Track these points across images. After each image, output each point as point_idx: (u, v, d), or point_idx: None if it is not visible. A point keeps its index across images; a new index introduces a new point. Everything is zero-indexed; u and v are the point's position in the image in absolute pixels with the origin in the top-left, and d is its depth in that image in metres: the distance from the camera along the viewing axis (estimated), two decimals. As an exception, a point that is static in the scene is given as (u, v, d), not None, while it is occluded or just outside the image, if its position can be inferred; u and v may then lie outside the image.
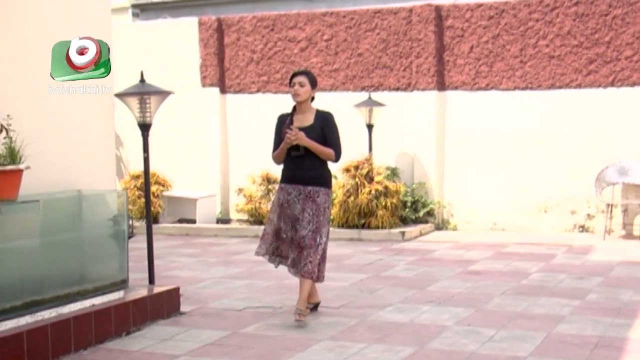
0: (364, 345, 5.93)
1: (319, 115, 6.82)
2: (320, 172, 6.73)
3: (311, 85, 6.79)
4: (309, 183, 6.65)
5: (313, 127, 6.70)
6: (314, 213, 6.58)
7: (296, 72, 6.88)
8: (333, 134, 6.78)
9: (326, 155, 6.73)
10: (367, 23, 12.80)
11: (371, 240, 11.44)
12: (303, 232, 6.55)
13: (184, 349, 5.88)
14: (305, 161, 6.66)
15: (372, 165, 11.87)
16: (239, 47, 13.51)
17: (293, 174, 6.71)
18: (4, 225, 5.65)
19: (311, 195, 6.61)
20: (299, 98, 6.74)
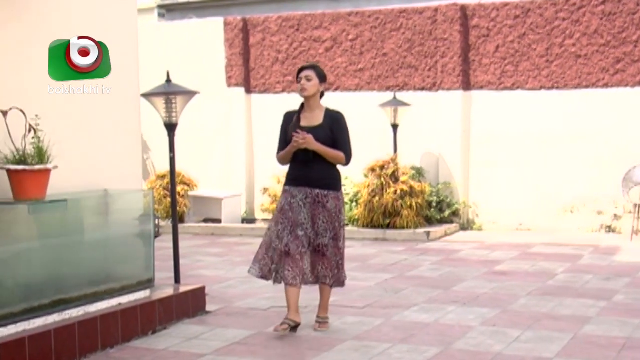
0: (389, 345, 5.93)
1: (328, 114, 6.35)
2: (328, 174, 6.30)
3: (320, 79, 6.31)
4: (316, 186, 6.21)
5: (322, 127, 6.26)
6: (327, 220, 6.19)
7: (303, 66, 6.43)
8: (344, 135, 6.34)
9: (336, 159, 6.31)
10: (392, 23, 12.79)
11: (396, 240, 11.42)
12: (323, 240, 6.21)
13: (210, 348, 5.91)
14: (313, 162, 6.23)
15: (397, 165, 11.86)
16: (264, 47, 13.54)
17: (299, 176, 6.28)
18: (32, 225, 5.71)
19: (320, 200, 6.19)
20: (306, 93, 6.28)
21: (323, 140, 6.20)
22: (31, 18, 5.86)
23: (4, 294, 5.47)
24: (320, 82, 6.30)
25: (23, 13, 5.80)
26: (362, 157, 12.22)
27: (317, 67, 6.37)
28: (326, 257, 6.23)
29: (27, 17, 5.83)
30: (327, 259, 6.23)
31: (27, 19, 5.83)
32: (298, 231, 6.15)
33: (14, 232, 5.66)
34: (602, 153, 11.74)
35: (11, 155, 5.33)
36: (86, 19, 6.37)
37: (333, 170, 6.34)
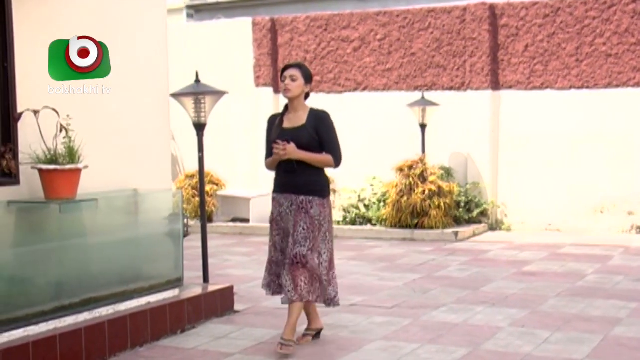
0: (418, 345, 5.92)
1: (312, 114, 5.92)
2: (314, 180, 5.82)
3: (305, 79, 5.89)
4: (301, 192, 5.76)
5: (305, 127, 5.83)
6: (308, 227, 5.70)
7: (288, 64, 6.01)
8: (330, 136, 5.90)
9: (324, 163, 5.86)
10: (420, 22, 12.75)
11: (424, 241, 11.39)
12: (301, 249, 5.66)
13: (238, 347, 5.93)
14: (298, 167, 5.78)
15: (425, 165, 11.83)
16: (292, 47, 13.56)
17: (285, 182, 5.85)
18: (63, 224, 5.76)
19: (304, 206, 5.74)
20: (289, 94, 5.85)
21: (307, 141, 5.78)
22: (63, 18, 5.92)
23: (35, 292, 5.53)
24: (305, 83, 5.91)
25: (56, 13, 5.85)
26: (390, 157, 12.23)
27: (303, 66, 6.00)
28: (306, 269, 5.69)
29: (60, 18, 5.89)
30: (308, 270, 5.70)
31: (60, 19, 5.89)
32: (285, 241, 5.87)
33: (45, 231, 5.72)
34: (633, 153, 11.63)
35: (43, 155, 5.38)
36: (116, 20, 6.42)
37: (320, 175, 5.89)
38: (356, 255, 10.26)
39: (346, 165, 13.04)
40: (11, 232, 5.54)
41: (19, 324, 5.26)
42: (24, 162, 5.43)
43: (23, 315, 5.32)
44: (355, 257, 10.06)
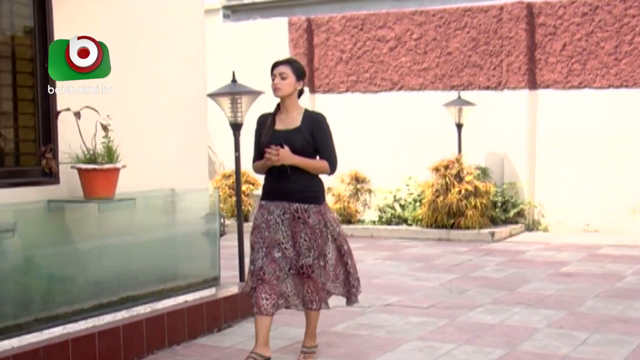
0: (454, 346, 5.90)
1: (307, 116, 5.46)
2: (309, 186, 5.40)
3: (296, 76, 5.43)
4: (295, 199, 5.35)
5: (300, 130, 5.38)
6: (310, 237, 5.34)
7: (277, 61, 5.54)
8: (326, 140, 5.45)
9: (319, 169, 5.45)
10: (456, 21, 12.71)
11: (460, 241, 11.35)
12: (306, 260, 5.35)
13: (274, 346, 5.94)
14: (291, 172, 5.35)
15: (461, 164, 11.78)
16: (328, 47, 13.57)
17: (276, 188, 5.42)
18: (101, 223, 5.82)
19: (300, 215, 5.33)
20: (279, 93, 5.41)
21: (301, 145, 5.34)
22: (102, 19, 5.98)
23: (74, 291, 5.60)
24: (297, 80, 5.44)
25: (95, 14, 5.91)
26: (426, 157, 12.20)
27: (294, 62, 5.53)
28: (312, 279, 5.39)
29: (99, 19, 5.95)
30: (313, 280, 5.39)
31: (99, 21, 5.95)
32: (274, 252, 5.36)
33: (84, 229, 5.79)
34: (673, 153, 11.49)
35: (82, 155, 5.44)
36: (154, 21, 6.48)
37: (314, 181, 5.46)
38: (392, 255, 10.25)
39: (382, 165, 13.11)
40: (51, 230, 5.61)
41: (59, 321, 5.32)
42: (64, 161, 5.49)
43: (63, 313, 5.38)
44: (391, 257, 10.05)
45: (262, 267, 5.32)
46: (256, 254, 5.37)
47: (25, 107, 5.53)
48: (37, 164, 5.50)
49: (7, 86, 5.45)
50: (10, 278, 5.19)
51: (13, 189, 5.32)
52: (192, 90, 6.87)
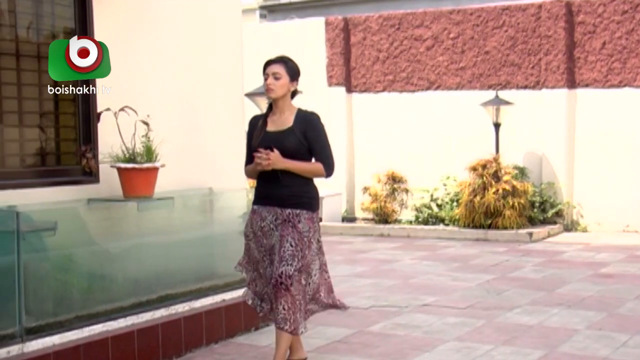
0: (491, 346, 5.86)
1: (300, 116, 5.18)
2: (301, 190, 5.09)
3: (290, 76, 5.17)
4: (287, 204, 5.03)
5: (292, 130, 5.08)
6: (296, 243, 4.95)
7: (270, 59, 5.21)
8: (320, 140, 5.15)
9: (314, 172, 5.13)
10: (494, 20, 12.63)
11: (497, 241, 11.28)
12: (287, 268, 4.89)
13: (311, 345, 5.96)
14: (284, 176, 5.05)
15: (499, 164, 11.71)
16: (365, 46, 13.56)
17: (268, 194, 5.10)
18: (140, 222, 5.87)
19: (290, 219, 5.01)
20: (272, 94, 5.11)
21: (294, 147, 5.04)
22: (141, 19, 6.03)
23: (114, 289, 5.65)
24: (291, 80, 5.17)
25: (134, 14, 5.96)
26: (463, 157, 12.14)
27: (288, 61, 5.21)
28: (290, 294, 4.90)
29: (138, 18, 6.00)
30: (291, 296, 4.91)
31: (138, 20, 6.00)
32: (266, 259, 5.17)
33: (123, 228, 5.84)
34: None
35: (121, 154, 5.49)
36: (192, 21, 6.51)
37: (309, 186, 5.15)
38: (429, 255, 10.22)
39: (418, 164, 13.06)
40: (91, 229, 5.67)
41: (99, 319, 5.37)
42: (104, 161, 5.54)
43: (102, 310, 5.43)
44: (427, 257, 10.01)
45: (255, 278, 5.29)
46: (262, 262, 5.16)
47: (66, 107, 5.59)
48: (78, 164, 5.56)
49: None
50: (51, 276, 5.26)
51: (54, 188, 5.39)
52: (230, 90, 6.90)
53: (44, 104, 5.49)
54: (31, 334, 4.94)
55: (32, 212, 5.08)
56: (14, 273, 4.87)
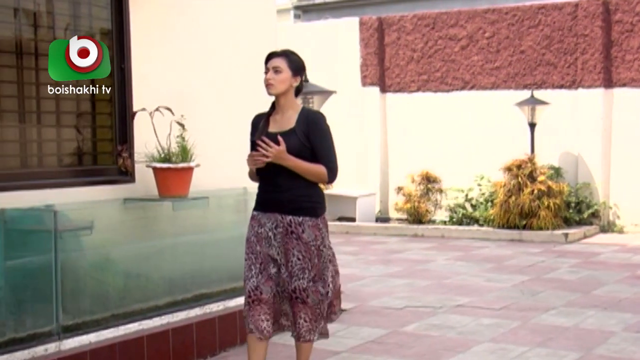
0: (526, 348, 5.82)
1: (303, 115, 4.72)
2: (304, 194, 4.65)
3: (293, 71, 4.69)
4: (288, 210, 4.61)
5: (294, 132, 4.64)
6: (304, 255, 4.59)
7: (272, 52, 4.79)
8: (324, 142, 4.74)
9: (316, 175, 4.66)
10: (530, 19, 12.54)
11: (532, 242, 11.20)
12: (300, 283, 4.59)
13: (345, 345, 5.96)
14: (285, 179, 4.63)
15: (534, 164, 11.63)
16: (399, 46, 13.53)
17: (268, 198, 4.69)
18: (176, 221, 5.91)
19: (293, 229, 4.59)
20: (272, 90, 4.68)
21: (296, 149, 4.61)
22: (177, 19, 6.07)
23: (149, 287, 5.70)
24: (293, 75, 4.70)
25: (170, 14, 6.00)
26: (498, 157, 12.07)
27: (291, 54, 4.76)
28: (307, 306, 4.62)
29: (173, 18, 6.04)
30: (309, 308, 4.63)
31: (173, 20, 6.04)
32: (270, 269, 4.65)
33: (158, 227, 5.89)
34: None
35: (157, 154, 5.53)
36: (228, 21, 6.54)
37: (312, 190, 4.71)
38: (463, 255, 10.17)
39: (453, 164, 13.01)
40: (127, 228, 5.71)
41: (134, 317, 5.42)
42: (139, 160, 5.59)
43: (138, 309, 5.48)
44: (462, 258, 9.97)
45: (257, 285, 4.61)
46: (248, 272, 4.66)
47: (103, 107, 5.65)
48: (114, 163, 5.62)
49: (86, 87, 5.57)
50: (88, 274, 5.31)
51: (90, 188, 5.45)
52: (264, 90, 6.91)
53: (80, 104, 5.55)
54: (68, 332, 5.00)
55: (69, 211, 5.14)
56: (51, 272, 4.93)
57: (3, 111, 5.12)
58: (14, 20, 5.20)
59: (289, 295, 4.63)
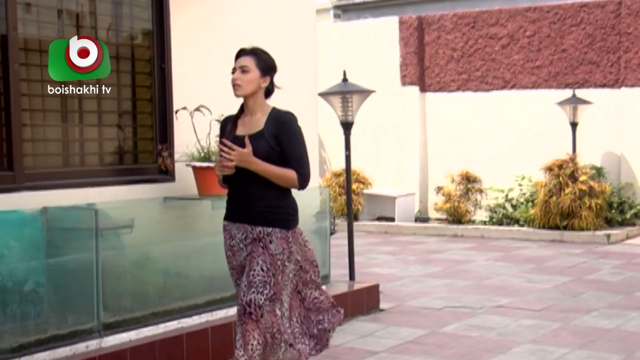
0: (567, 350, 5.76)
1: (273, 116, 4.35)
2: (274, 205, 4.28)
3: (261, 71, 4.36)
4: (258, 221, 4.26)
5: (262, 134, 4.27)
6: (268, 268, 4.19)
7: (241, 50, 4.44)
8: (295, 145, 4.30)
9: (284, 180, 4.26)
10: (572, 18, 12.40)
11: (574, 242, 11.08)
12: (257, 297, 4.14)
13: (384, 345, 5.95)
14: (254, 187, 4.27)
15: (576, 164, 11.51)
16: (439, 45, 13.47)
17: (238, 208, 4.34)
18: (215, 220, 5.92)
19: (262, 238, 4.24)
20: (239, 91, 4.33)
21: (265, 152, 4.23)
22: (217, 19, 6.10)
23: (189, 286, 5.73)
24: (262, 75, 4.37)
25: (210, 14, 6.04)
26: (539, 157, 11.96)
27: (261, 53, 4.43)
28: (259, 326, 4.15)
29: (213, 19, 6.07)
30: (261, 329, 4.17)
31: (213, 21, 6.07)
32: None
33: (198, 226, 5.91)
34: None
35: (197, 153, 5.57)
36: (268, 20, 6.56)
37: (285, 200, 4.35)
38: (503, 256, 10.09)
39: (493, 164, 12.92)
40: (166, 227, 5.75)
41: (174, 316, 5.46)
42: (179, 160, 5.63)
43: (177, 307, 5.52)
44: (502, 258, 9.90)
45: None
46: (237, 288, 4.38)
47: (144, 106, 5.70)
48: (154, 162, 5.66)
49: (127, 86, 5.63)
50: (128, 272, 5.36)
51: (131, 186, 5.50)
52: (304, 89, 6.93)
53: (122, 104, 5.60)
54: (108, 330, 5.05)
55: (110, 210, 5.19)
56: (92, 269, 4.99)
57: (46, 111, 5.19)
58: (58, 21, 5.27)
59: (242, 307, 4.14)
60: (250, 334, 4.13)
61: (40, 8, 5.16)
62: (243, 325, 4.14)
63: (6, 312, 4.66)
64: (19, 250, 4.75)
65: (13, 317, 4.69)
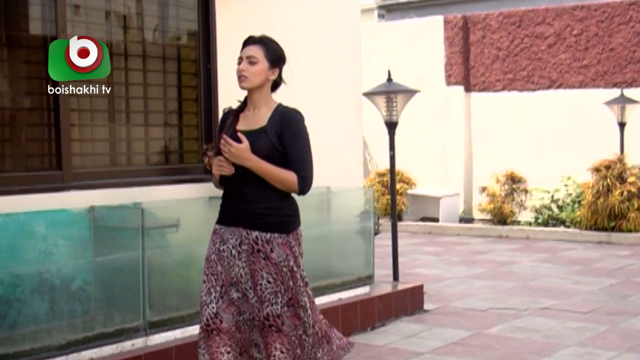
0: (615, 353, 5.68)
1: (277, 113, 4.04)
2: (273, 207, 3.94)
3: (270, 62, 4.04)
4: (254, 225, 3.92)
5: (265, 131, 3.95)
6: (274, 278, 3.89)
7: (248, 39, 4.07)
8: (298, 145, 3.99)
9: (283, 182, 3.92)
10: (620, 16, 12.24)
11: (622, 244, 10.93)
12: (273, 308, 3.88)
13: (428, 346, 5.92)
14: (251, 187, 3.94)
15: (624, 165, 11.35)
16: (484, 44, 13.38)
17: (231, 210, 4.01)
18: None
19: (260, 247, 3.89)
20: (245, 83, 3.98)
21: (265, 150, 3.91)
22: (262, 19, 6.12)
23: (233, 285, 5.75)
24: (271, 67, 4.05)
25: (255, 15, 6.06)
26: (585, 157, 11.83)
27: (269, 42, 4.08)
28: (282, 334, 3.91)
29: (258, 19, 6.09)
30: (285, 336, 3.92)
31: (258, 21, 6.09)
32: (232, 293, 3.97)
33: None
34: None
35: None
36: (313, 20, 6.57)
37: (283, 201, 3.99)
38: (549, 257, 9.99)
39: (538, 165, 12.81)
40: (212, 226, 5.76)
41: (218, 314, 5.48)
42: (224, 159, 5.65)
43: (222, 306, 5.54)
44: (547, 260, 9.80)
45: (217, 312, 3.93)
46: (207, 296, 3.96)
47: (189, 106, 5.74)
48: (199, 162, 5.69)
49: (173, 86, 5.67)
50: (174, 271, 5.40)
51: (176, 186, 5.53)
52: (348, 89, 6.93)
53: (168, 104, 5.65)
54: (154, 328, 5.09)
55: (156, 209, 5.23)
56: (138, 268, 5.03)
57: (94, 111, 5.25)
58: (105, 22, 5.33)
59: (260, 323, 3.91)
60: (271, 345, 3.91)
61: (89, 10, 5.23)
62: (265, 338, 3.91)
63: (54, 310, 4.72)
64: (67, 249, 4.81)
65: (61, 315, 4.75)
